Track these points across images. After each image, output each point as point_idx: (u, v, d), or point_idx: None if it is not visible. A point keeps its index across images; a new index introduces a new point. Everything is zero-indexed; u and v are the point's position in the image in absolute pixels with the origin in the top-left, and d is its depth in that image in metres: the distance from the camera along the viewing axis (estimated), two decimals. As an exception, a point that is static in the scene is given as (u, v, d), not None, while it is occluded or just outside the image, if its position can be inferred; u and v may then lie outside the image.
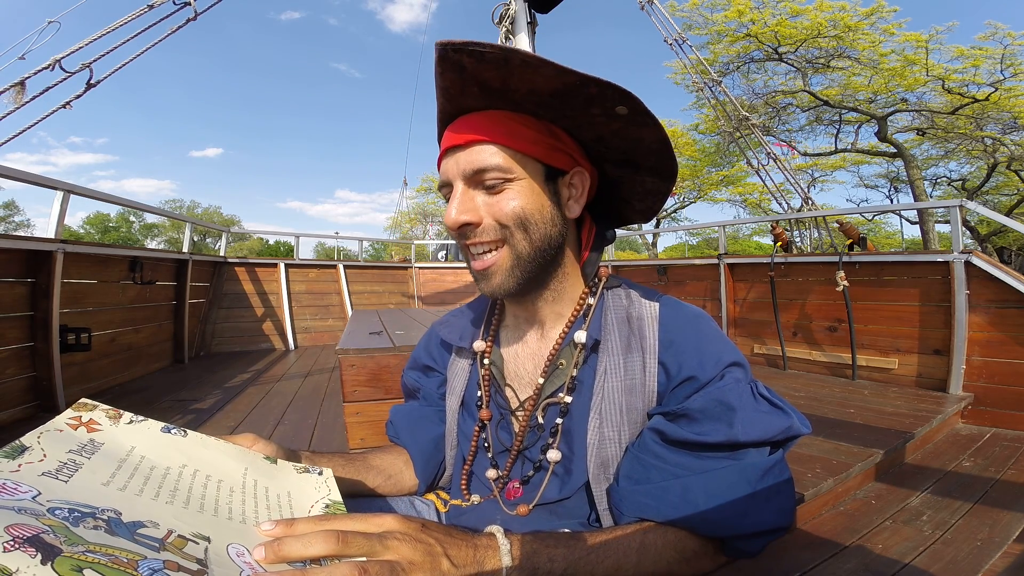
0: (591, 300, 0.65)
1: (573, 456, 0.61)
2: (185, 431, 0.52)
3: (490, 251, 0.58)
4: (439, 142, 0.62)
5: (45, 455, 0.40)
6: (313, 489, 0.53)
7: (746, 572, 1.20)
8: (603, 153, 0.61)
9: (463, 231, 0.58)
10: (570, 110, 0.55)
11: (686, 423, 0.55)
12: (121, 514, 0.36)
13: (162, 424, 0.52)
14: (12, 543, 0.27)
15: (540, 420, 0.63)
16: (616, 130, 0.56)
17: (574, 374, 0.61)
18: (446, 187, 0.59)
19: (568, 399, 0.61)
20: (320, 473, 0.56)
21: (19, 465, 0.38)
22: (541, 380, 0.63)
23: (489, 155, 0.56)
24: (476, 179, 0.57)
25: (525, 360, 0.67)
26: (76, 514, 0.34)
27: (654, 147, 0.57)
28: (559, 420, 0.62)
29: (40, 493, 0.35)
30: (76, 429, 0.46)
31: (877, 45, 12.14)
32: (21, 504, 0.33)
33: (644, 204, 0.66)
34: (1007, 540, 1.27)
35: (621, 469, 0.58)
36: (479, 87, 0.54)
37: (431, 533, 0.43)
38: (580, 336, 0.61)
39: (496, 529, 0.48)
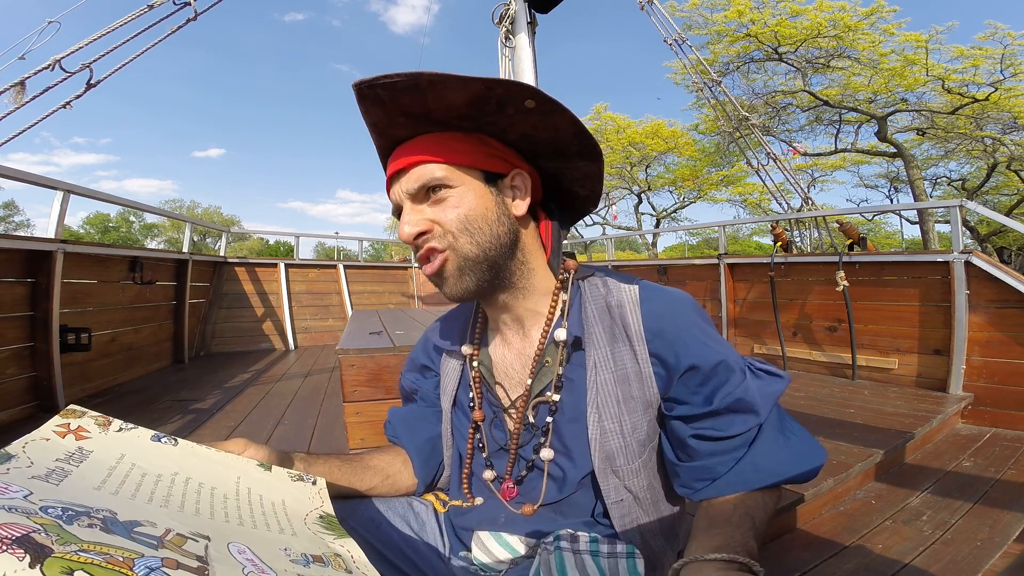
0: (564, 296, 0.66)
1: (570, 452, 0.62)
2: (176, 439, 0.52)
3: (436, 256, 0.60)
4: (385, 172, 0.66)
5: (32, 463, 0.39)
6: (307, 499, 0.53)
7: (746, 572, 1.20)
8: (533, 149, 0.64)
9: (418, 242, 0.61)
10: (489, 115, 0.58)
11: (711, 421, 0.59)
12: (116, 514, 0.35)
13: (152, 432, 0.51)
14: (0, 545, 0.26)
15: (532, 419, 0.64)
16: (534, 123, 0.59)
17: (560, 372, 0.63)
18: (398, 211, 0.63)
19: (556, 397, 0.62)
20: (314, 483, 0.56)
21: (7, 469, 0.38)
22: (529, 380, 0.64)
23: (428, 170, 0.59)
24: (420, 195, 0.60)
25: (512, 359, 0.68)
26: (70, 512, 0.33)
27: (570, 131, 0.60)
28: (549, 419, 0.63)
29: (32, 493, 0.34)
30: (64, 437, 0.45)
31: (877, 45, 12.13)
32: (12, 503, 0.32)
33: (586, 189, 0.69)
34: (1007, 540, 1.27)
35: (681, 477, 0.60)
36: (403, 116, 0.58)
37: None
38: (560, 334, 0.63)
39: (742, 557, 0.45)
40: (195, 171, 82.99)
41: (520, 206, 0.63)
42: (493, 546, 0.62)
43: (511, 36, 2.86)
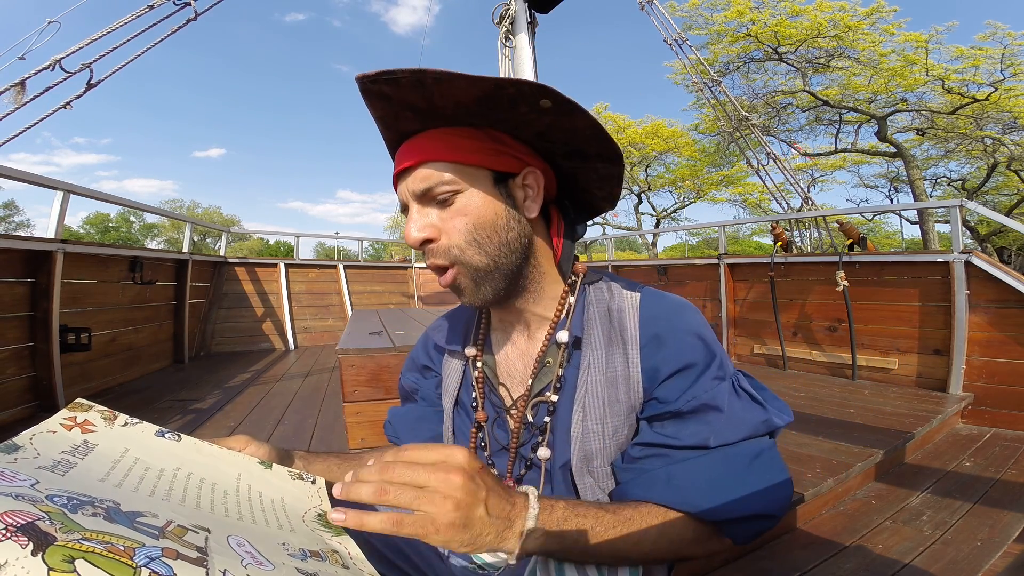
0: (571, 299, 0.66)
1: (561, 452, 0.62)
2: (179, 435, 0.53)
3: (446, 271, 0.60)
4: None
5: (39, 454, 0.40)
6: (306, 497, 0.53)
7: (746, 572, 1.20)
8: (549, 148, 0.62)
9: (423, 249, 0.60)
10: (501, 113, 0.56)
11: (672, 424, 0.57)
12: (120, 504, 0.36)
13: (156, 428, 0.52)
14: (4, 532, 0.26)
15: (531, 418, 0.64)
16: (550, 123, 0.57)
17: (560, 373, 0.63)
18: (405, 208, 0.61)
19: (555, 397, 0.62)
20: (313, 482, 0.56)
21: (15, 459, 0.38)
22: (530, 380, 0.65)
23: (434, 172, 0.57)
24: (427, 197, 0.58)
25: (515, 360, 0.68)
26: (75, 501, 0.33)
27: (588, 133, 0.58)
28: (547, 418, 0.63)
29: (38, 482, 0.35)
30: (70, 430, 0.46)
31: (877, 45, 12.14)
32: (19, 491, 0.32)
33: (604, 191, 0.67)
34: (1007, 540, 1.27)
35: (618, 478, 0.59)
36: (410, 111, 0.56)
37: (482, 480, 0.44)
38: (563, 336, 0.63)
39: (530, 490, 0.49)
40: (195, 171, 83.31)
41: (532, 207, 0.61)
42: None
43: (511, 36, 2.86)
